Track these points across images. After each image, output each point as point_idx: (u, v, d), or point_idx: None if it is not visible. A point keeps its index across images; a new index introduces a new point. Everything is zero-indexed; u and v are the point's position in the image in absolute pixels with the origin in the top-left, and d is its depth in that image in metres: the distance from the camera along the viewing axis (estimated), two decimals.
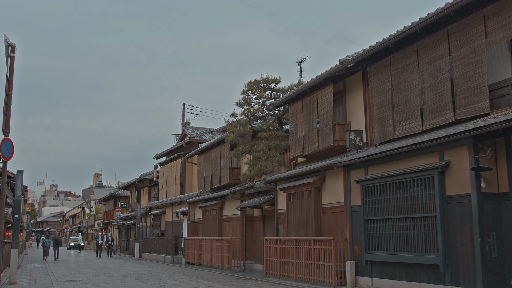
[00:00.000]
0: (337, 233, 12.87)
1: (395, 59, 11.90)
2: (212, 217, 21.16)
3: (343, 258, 12.26)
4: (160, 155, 33.79)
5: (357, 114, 13.45)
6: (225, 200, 20.36)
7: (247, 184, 18.68)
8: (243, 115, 17.55)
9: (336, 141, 13.42)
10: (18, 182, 16.29)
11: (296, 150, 15.26)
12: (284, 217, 15.52)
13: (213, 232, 20.81)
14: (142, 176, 36.97)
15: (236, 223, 19.24)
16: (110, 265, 24.56)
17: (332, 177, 13.35)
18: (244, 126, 17.16)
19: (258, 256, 18.39)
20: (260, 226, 18.29)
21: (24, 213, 55.08)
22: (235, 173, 20.12)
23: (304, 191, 14.17)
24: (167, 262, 25.68)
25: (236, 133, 17.01)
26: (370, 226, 11.43)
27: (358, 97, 13.49)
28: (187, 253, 22.60)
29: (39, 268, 22.54)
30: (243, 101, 17.54)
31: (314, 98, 14.57)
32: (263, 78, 17.24)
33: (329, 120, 13.66)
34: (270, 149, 16.37)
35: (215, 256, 19.39)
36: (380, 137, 12.21)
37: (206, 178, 22.27)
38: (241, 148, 17.00)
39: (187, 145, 28.11)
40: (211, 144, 21.30)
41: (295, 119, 15.49)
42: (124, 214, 42.67)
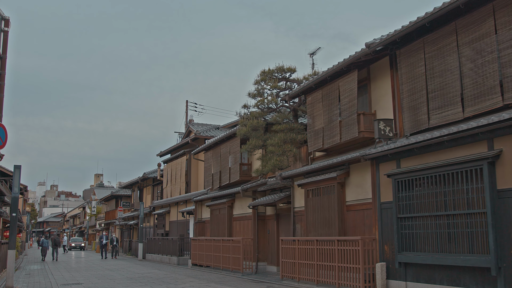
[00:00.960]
0: (364, 232, 11.75)
1: (430, 40, 10.79)
2: (221, 216, 20.04)
3: (372, 260, 11.14)
4: (164, 152, 32.69)
5: (384, 103, 12.34)
6: (235, 198, 19.24)
7: (259, 181, 17.57)
8: (255, 107, 16.44)
9: (361, 132, 12.31)
10: (16, 178, 15.18)
11: (314, 143, 14.15)
12: (302, 216, 14.40)
13: (222, 232, 19.69)
14: (145, 175, 35.88)
15: (247, 223, 18.12)
16: (113, 266, 23.45)
17: (358, 171, 12.23)
18: (257, 118, 16.04)
19: (271, 257, 17.27)
20: (273, 225, 17.17)
21: (24, 213, 54.01)
22: (245, 170, 19.00)
23: (325, 187, 13.05)
24: (172, 264, 24.56)
25: (249, 126, 15.89)
26: (404, 224, 10.30)
27: (384, 84, 12.38)
28: (194, 254, 21.48)
29: (39, 270, 21.44)
30: (255, 92, 16.43)
31: (335, 87, 13.46)
32: (278, 67, 16.13)
33: (353, 109, 12.54)
34: (285, 143, 15.26)
35: (224, 258, 18.28)
36: (411, 127, 11.09)
37: (214, 175, 21.15)
38: (253, 142, 15.89)
39: (192, 141, 27.01)
40: (219, 139, 20.19)
41: (314, 110, 14.38)
42: (126, 214, 41.57)
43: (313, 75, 16.40)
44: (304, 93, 14.99)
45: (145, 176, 35.87)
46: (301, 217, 14.43)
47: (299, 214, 14.58)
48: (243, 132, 16.09)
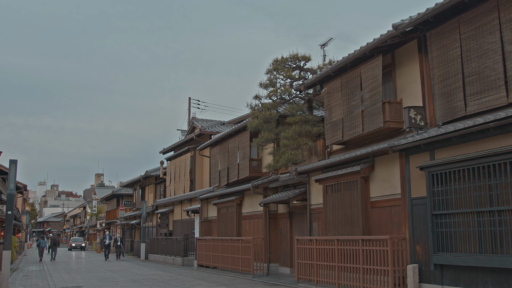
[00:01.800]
0: (391, 231, 10.72)
1: (466, 19, 9.77)
2: (229, 214, 19.02)
3: (402, 261, 10.12)
4: (167, 149, 31.66)
5: (411, 90, 11.32)
6: (244, 196, 18.21)
7: (270, 177, 16.55)
8: (267, 97, 15.41)
9: (386, 122, 11.29)
10: (11, 173, 14.17)
11: (333, 135, 13.14)
12: (319, 213, 13.38)
13: (230, 231, 18.66)
14: (148, 173, 34.85)
15: (258, 221, 17.10)
16: (115, 268, 22.43)
17: (384, 165, 11.21)
18: (269, 109, 15.02)
19: (284, 258, 16.25)
20: (286, 224, 16.14)
21: (23, 212, 53.01)
22: (255, 166, 17.99)
23: (347, 182, 12.03)
24: (177, 265, 23.54)
25: (261, 117, 14.86)
26: (440, 222, 9.28)
27: (412, 70, 11.35)
28: (200, 254, 20.47)
29: (37, 272, 20.43)
30: (267, 82, 15.40)
31: (357, 74, 12.44)
32: (292, 55, 15.11)
33: (378, 98, 11.52)
34: (300, 136, 14.24)
35: (233, 258, 17.26)
36: (444, 114, 10.08)
37: (221, 172, 20.12)
38: (266, 135, 14.86)
39: (197, 137, 25.99)
40: (227, 133, 19.16)
41: (331, 100, 13.36)
42: (128, 213, 40.55)
43: (329, 64, 15.38)
44: (321, 82, 13.98)
45: (147, 174, 34.85)
46: (319, 215, 13.41)
47: (316, 212, 13.56)
48: (255, 125, 15.06)
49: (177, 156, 28.66)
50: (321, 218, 13.28)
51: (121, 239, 32.40)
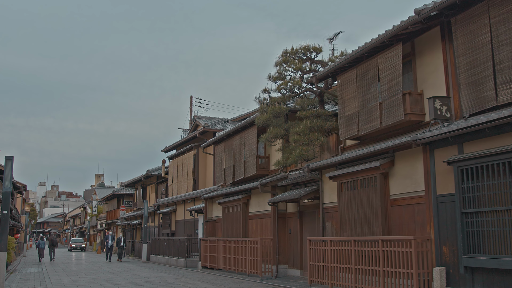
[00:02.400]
0: (414, 231, 9.98)
1: (496, 3, 9.03)
2: (235, 214, 18.28)
3: (427, 263, 9.38)
4: (169, 148, 30.92)
5: (433, 80, 10.57)
6: (251, 194, 17.47)
7: (279, 175, 15.81)
8: (277, 91, 14.67)
9: (407, 114, 10.55)
10: (7, 171, 13.45)
11: (347, 130, 12.40)
12: (333, 212, 12.64)
13: (237, 231, 17.92)
14: (149, 172, 34.11)
15: (266, 221, 16.36)
16: (116, 269, 21.69)
17: (405, 160, 10.47)
18: (279, 103, 14.28)
19: (293, 259, 15.50)
20: (296, 224, 15.40)
21: (23, 213, 52.28)
22: (262, 163, 17.24)
23: (364, 179, 11.29)
24: (180, 266, 22.80)
25: (270, 112, 14.12)
26: (471, 221, 8.54)
27: (434, 59, 10.61)
28: (204, 256, 19.73)
29: (36, 273, 19.69)
30: (277, 75, 14.67)
31: (374, 64, 11.70)
32: (302, 46, 14.36)
33: (397, 89, 10.78)
34: (311, 131, 13.50)
35: (240, 260, 16.51)
36: (472, 105, 9.34)
37: (226, 170, 19.38)
38: (275, 130, 14.13)
39: (201, 135, 25.25)
40: (233, 130, 18.42)
41: (346, 93, 12.63)
42: (129, 213, 39.82)
43: (341, 56, 14.64)
44: (334, 74, 13.23)
45: (149, 173, 34.11)
46: (333, 214, 12.67)
47: (330, 211, 12.82)
48: (264, 119, 14.32)
49: (180, 155, 27.93)
50: (335, 217, 12.54)
51: (124, 239, 31.14)
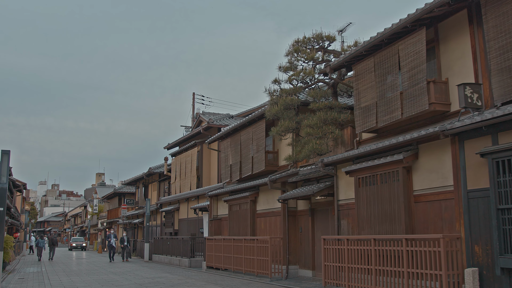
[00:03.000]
0: (442, 228, 9.25)
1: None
2: (242, 212, 17.54)
3: (457, 264, 8.65)
4: (172, 145, 30.19)
5: (459, 67, 9.83)
6: (259, 192, 16.74)
7: (289, 171, 15.08)
8: (288, 82, 13.94)
9: (432, 104, 9.82)
10: (3, 165, 12.72)
11: (364, 122, 11.67)
12: (349, 210, 11.91)
13: (244, 230, 17.19)
14: (151, 170, 33.39)
15: (275, 219, 15.63)
16: (118, 269, 20.97)
17: (431, 152, 9.74)
18: (291, 95, 13.55)
19: (304, 259, 14.77)
20: (307, 222, 14.67)
21: (23, 211, 51.63)
22: (271, 159, 16.50)
23: (385, 174, 10.56)
24: (183, 266, 22.07)
25: (281, 103, 13.38)
26: (508, 218, 7.81)
27: (460, 44, 9.87)
28: (209, 255, 19.00)
29: (34, 274, 18.97)
30: (288, 65, 13.93)
31: (394, 51, 10.96)
32: (315, 34, 13.63)
33: (421, 77, 10.04)
34: (325, 124, 12.78)
35: (248, 260, 15.78)
36: (505, 93, 8.60)
37: (232, 166, 18.64)
38: (286, 123, 13.39)
39: (205, 131, 24.52)
40: (240, 124, 17.68)
41: (362, 83, 11.90)
42: (130, 212, 39.11)
43: (353, 46, 13.90)
44: (350, 63, 12.49)
45: (151, 171, 33.39)
46: (349, 211, 11.94)
47: (346, 208, 12.09)
48: (274, 112, 13.58)
49: (183, 152, 27.21)
50: (351, 214, 11.81)
51: (128, 238, 29.12)
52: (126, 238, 28.62)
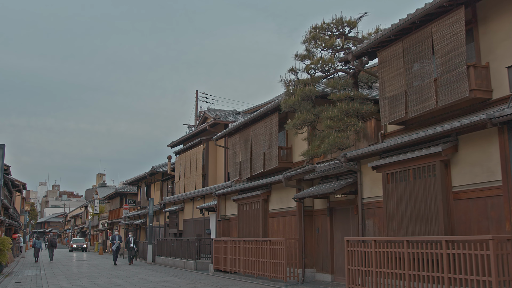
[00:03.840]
0: (488, 229, 8.24)
1: None
2: (252, 212, 16.53)
3: (508, 269, 7.64)
4: (176, 142, 29.20)
5: (503, 50, 8.85)
6: (272, 190, 15.73)
7: (305, 167, 14.08)
8: (305, 71, 12.93)
9: (472, 91, 8.82)
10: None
11: (392, 113, 10.68)
12: (376, 208, 10.91)
13: (255, 231, 16.18)
14: (154, 169, 32.41)
15: (289, 220, 14.62)
16: (120, 272, 19.97)
17: (473, 144, 8.73)
18: (309, 84, 12.54)
19: (322, 262, 13.76)
20: (325, 222, 13.66)
21: (22, 212, 50.64)
22: (284, 155, 15.48)
23: (419, 168, 9.55)
24: (189, 269, 21.06)
25: (299, 94, 12.37)
26: None
27: (504, 25, 8.89)
28: (217, 258, 17.98)
29: (32, 277, 17.97)
30: (305, 53, 12.93)
31: (426, 34, 9.96)
32: (335, 19, 12.63)
33: (460, 60, 9.05)
34: (347, 116, 11.78)
35: (260, 263, 14.77)
36: None
37: (242, 164, 17.63)
38: (303, 115, 12.38)
39: (211, 127, 23.53)
40: (251, 118, 16.67)
41: (389, 71, 10.91)
42: (132, 212, 38.10)
43: (376, 32, 12.90)
44: (374, 49, 11.48)
45: (154, 170, 32.40)
46: (375, 210, 10.93)
47: (371, 207, 11.08)
48: (291, 103, 12.56)
49: (187, 150, 26.20)
50: (378, 214, 10.81)
51: (134, 239, 26.74)
52: (133, 239, 26.53)
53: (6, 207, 28.00)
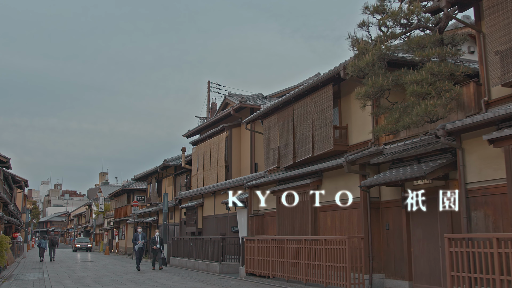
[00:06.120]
0: None
1: None
2: (297, 205, 13.89)
3: None
4: (193, 132, 26.59)
5: None
6: (323, 178, 13.11)
7: (370, 149, 11.46)
8: (378, 26, 10.30)
9: None
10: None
11: (506, 71, 8.06)
12: (489, 196, 8.27)
13: (301, 228, 13.57)
14: (166, 162, 29.79)
15: (349, 214, 12.00)
16: (135, 276, 17.36)
17: None
18: (390, 40, 9.92)
19: (394, 266, 11.11)
20: (398, 216, 11.00)
21: (24, 210, 48.12)
22: (337, 136, 12.84)
23: None
24: (213, 272, 18.43)
25: (374, 53, 9.74)
26: None
27: None
28: (250, 260, 15.36)
29: (35, 282, 15.37)
30: (377, 4, 10.30)
31: None
32: None
33: None
34: (439, 80, 9.16)
35: (311, 266, 12.14)
36: None
37: (281, 149, 15.00)
38: (379, 81, 9.73)
39: (236, 112, 20.90)
40: (294, 95, 14.03)
41: (498, 18, 8.28)
42: (141, 210, 35.50)
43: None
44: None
45: (166, 163, 29.78)
46: (487, 198, 8.30)
47: (482, 194, 8.44)
48: (362, 65, 9.90)
49: (207, 139, 23.57)
50: (493, 203, 8.17)
51: (161, 239, 21.31)
52: (159, 239, 20.97)
53: (5, 202, 25.42)
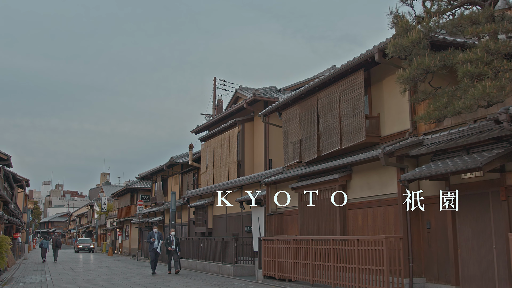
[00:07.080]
0: None
1: None
2: (323, 203, 12.80)
3: None
4: (202, 127, 25.50)
5: None
6: (352, 173, 12.01)
7: (408, 140, 10.37)
8: (422, 2, 9.19)
9: None
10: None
11: None
12: None
13: (328, 227, 12.47)
14: (173, 160, 28.73)
15: (384, 211, 10.90)
16: (144, 279, 16.27)
17: None
18: (436, 14, 8.82)
19: (437, 269, 10.00)
20: (442, 214, 9.88)
21: (25, 210, 47.05)
22: (368, 127, 11.74)
23: None
24: (226, 274, 17.33)
25: (418, 32, 8.64)
26: None
27: None
28: (269, 261, 14.27)
29: (37, 285, 14.29)
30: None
31: None
32: None
33: None
34: (496, 59, 8.07)
35: (340, 269, 11.05)
36: None
37: (303, 142, 13.90)
38: (426, 61, 8.62)
39: (249, 105, 19.80)
40: (319, 83, 12.92)
41: None
42: (146, 210, 34.43)
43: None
44: None
45: (173, 161, 28.71)
46: None
47: None
48: (405, 44, 8.78)
49: (217, 134, 22.49)
50: None
51: (177, 239, 19.05)
52: (175, 239, 18.86)
53: (6, 201, 24.34)
